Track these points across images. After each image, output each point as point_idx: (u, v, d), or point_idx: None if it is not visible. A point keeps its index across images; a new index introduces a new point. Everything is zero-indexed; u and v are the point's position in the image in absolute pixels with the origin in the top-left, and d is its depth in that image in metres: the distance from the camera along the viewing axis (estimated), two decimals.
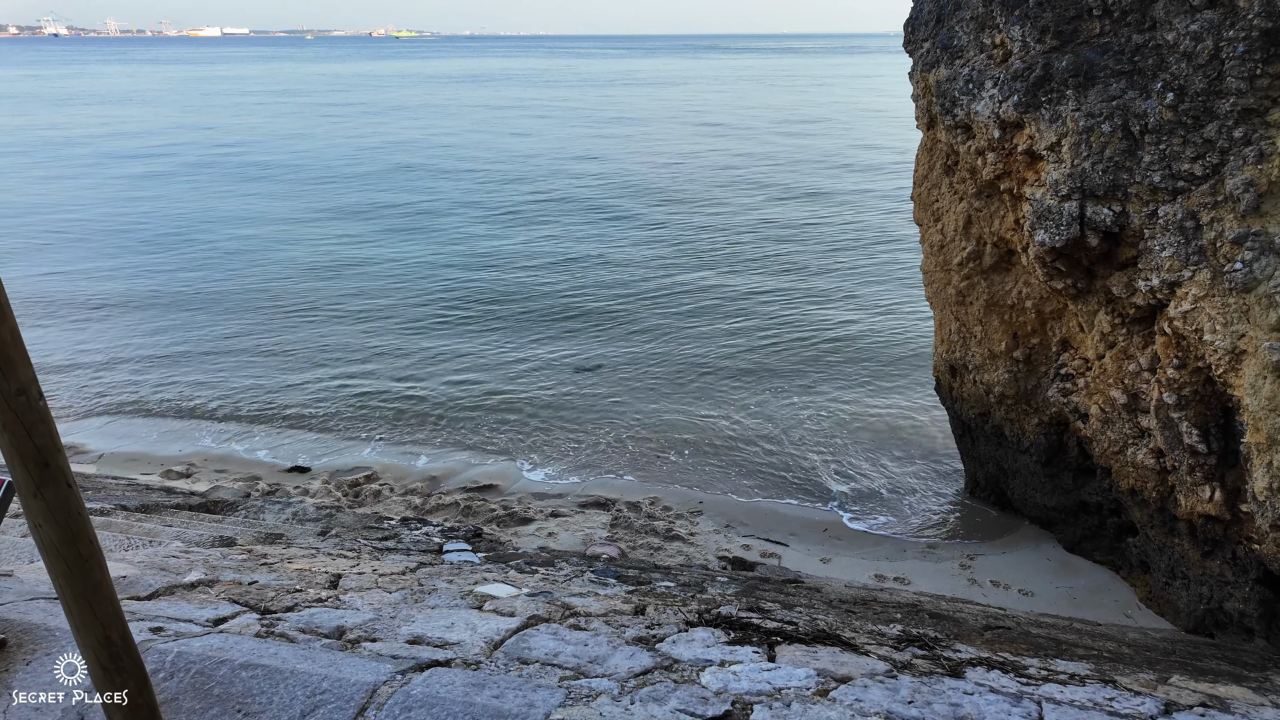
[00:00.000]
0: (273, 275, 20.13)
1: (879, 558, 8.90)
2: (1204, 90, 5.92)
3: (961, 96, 7.80)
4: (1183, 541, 7.08)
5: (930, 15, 8.39)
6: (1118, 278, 6.98)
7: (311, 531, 7.26)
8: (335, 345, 15.60)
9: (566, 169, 34.22)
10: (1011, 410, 8.98)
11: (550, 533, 9.07)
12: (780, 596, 6.19)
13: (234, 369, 14.49)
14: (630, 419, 12.53)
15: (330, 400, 13.22)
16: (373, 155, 37.89)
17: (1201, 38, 5.91)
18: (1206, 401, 6.60)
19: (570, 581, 5.80)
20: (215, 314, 17.39)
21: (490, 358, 14.91)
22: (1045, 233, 7.08)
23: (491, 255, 21.82)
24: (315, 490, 10.07)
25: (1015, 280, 8.58)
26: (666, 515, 9.71)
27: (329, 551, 6.03)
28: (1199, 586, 7.03)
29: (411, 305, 17.84)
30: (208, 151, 39.42)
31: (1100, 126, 6.48)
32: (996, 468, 9.64)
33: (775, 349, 15.19)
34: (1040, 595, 8.08)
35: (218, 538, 5.86)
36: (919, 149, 9.64)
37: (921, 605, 6.57)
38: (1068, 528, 8.90)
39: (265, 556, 5.44)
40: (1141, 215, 6.47)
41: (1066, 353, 8.31)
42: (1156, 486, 7.22)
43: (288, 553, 5.73)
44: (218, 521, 7.22)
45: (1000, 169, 7.69)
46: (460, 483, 10.44)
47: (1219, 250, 5.94)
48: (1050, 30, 6.80)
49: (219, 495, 9.12)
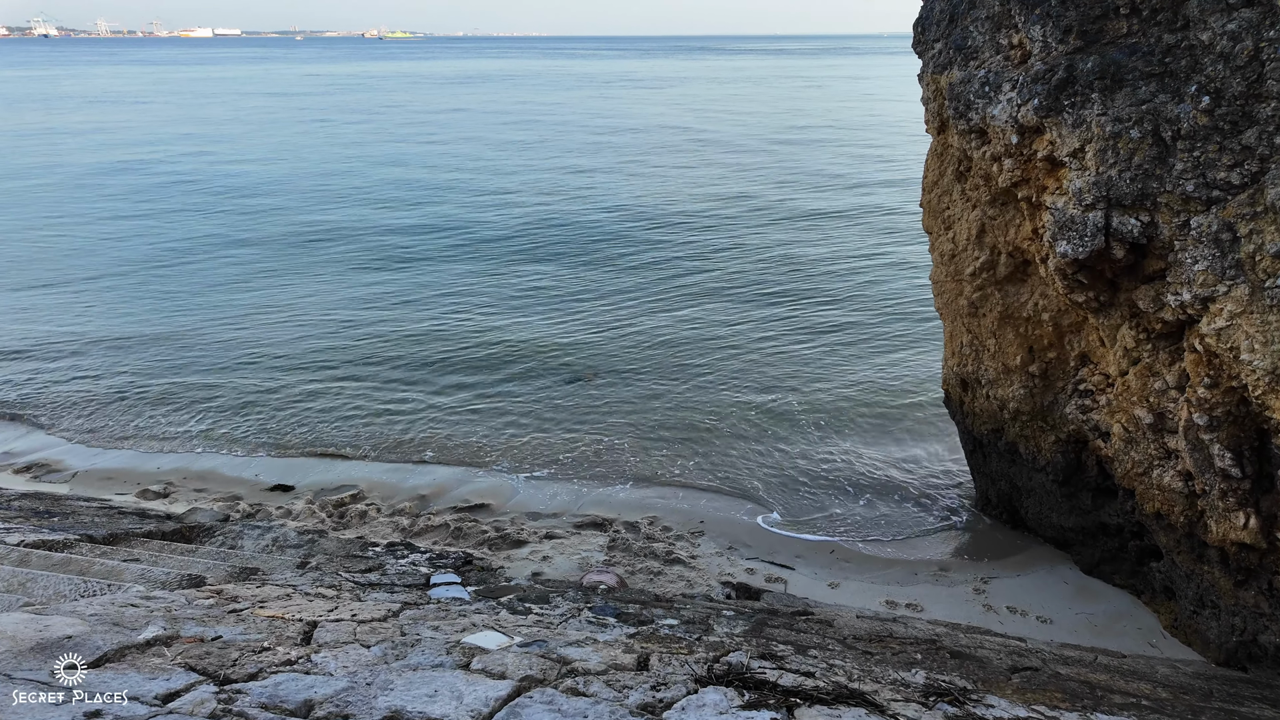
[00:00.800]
0: (263, 287, 19.66)
1: (889, 581, 8.51)
2: (1243, 93, 5.55)
3: (976, 100, 7.41)
4: (1213, 569, 6.71)
5: (942, 15, 8.00)
6: (1144, 291, 6.61)
7: (291, 562, 6.82)
8: (324, 356, 15.14)
9: (554, 176, 33.80)
10: (1026, 427, 8.61)
11: (545, 556, 8.66)
12: (791, 635, 5.79)
13: (217, 380, 14.02)
14: (626, 430, 12.12)
15: (318, 413, 12.77)
16: (366, 168, 37.32)
17: (1240, 37, 5.54)
18: (1240, 423, 6.23)
19: (567, 623, 5.38)
20: (201, 325, 16.90)
21: (483, 368, 14.48)
22: (1068, 244, 6.70)
23: (488, 260, 21.38)
24: (298, 511, 9.62)
25: (1031, 292, 8.21)
26: (666, 536, 9.29)
27: (306, 590, 5.60)
28: (1231, 617, 6.66)
29: (404, 318, 17.38)
30: (198, 165, 38.88)
31: (1129, 132, 6.10)
32: (1009, 485, 9.26)
33: (774, 358, 14.80)
34: (1059, 622, 7.70)
35: (185, 577, 5.42)
36: (928, 154, 9.26)
37: (940, 641, 6.18)
38: (1085, 549, 8.53)
39: (235, 600, 5.01)
40: (1172, 226, 6.09)
41: (1086, 368, 7.93)
42: (1185, 511, 6.85)
43: (261, 593, 5.30)
44: (190, 552, 6.77)
45: (1018, 176, 7.30)
46: (451, 501, 10.01)
47: (1259, 264, 5.57)
48: (1074, 30, 6.42)
49: (196, 519, 8.67)
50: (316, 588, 5.73)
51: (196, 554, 6.71)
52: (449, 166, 35.73)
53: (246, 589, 5.38)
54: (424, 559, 7.43)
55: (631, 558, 8.70)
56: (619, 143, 42.30)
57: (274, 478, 10.73)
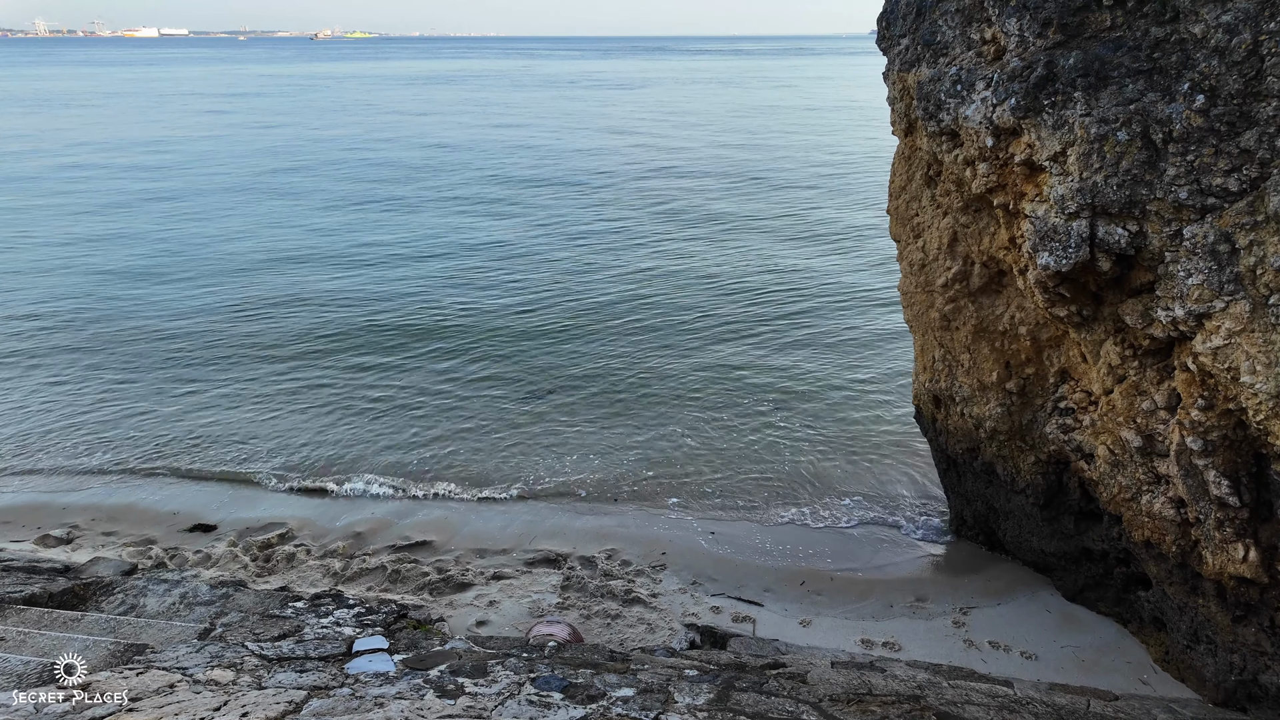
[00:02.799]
0: (187, 307, 18.48)
1: (864, 616, 7.94)
2: (1240, 92, 5.06)
3: (948, 99, 6.87)
4: (1209, 603, 6.25)
5: (909, 8, 7.45)
6: (1131, 305, 6.12)
7: (192, 630, 5.97)
8: (253, 380, 14.12)
9: (509, 174, 32.94)
10: (1004, 447, 8.11)
11: (491, 601, 7.90)
12: (762, 699, 5.15)
13: (137, 407, 12.92)
14: (583, 449, 11.41)
15: (248, 441, 11.79)
16: (297, 166, 35.99)
17: (1236, 30, 5.05)
18: (1237, 448, 5.76)
19: (504, 706, 4.66)
20: (117, 349, 15.71)
21: (429, 387, 13.62)
22: (1050, 255, 6.17)
23: (428, 278, 20.46)
24: (219, 555, 8.70)
25: (1007, 304, 7.70)
26: (625, 572, 8.60)
27: (198, 675, 4.78)
28: (1229, 655, 6.21)
29: (334, 335, 16.40)
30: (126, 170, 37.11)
31: (1115, 134, 5.59)
32: (986, 506, 8.78)
33: (735, 373, 14.21)
34: (1045, 659, 7.20)
35: (46, 669, 4.56)
36: (895, 157, 8.73)
37: (924, 696, 5.60)
38: (1068, 575, 8.06)
39: (101, 699, 4.19)
40: (1163, 236, 5.60)
41: (1066, 385, 7.45)
42: (1177, 540, 6.38)
43: (138, 685, 4.48)
44: (73, 624, 5.87)
45: (993, 181, 6.77)
46: (390, 539, 9.17)
47: (1260, 278, 5.09)
48: (1053, 23, 5.90)
49: (96, 572, 7.73)
50: (211, 670, 4.92)
51: (80, 625, 5.82)
52: (391, 172, 34.58)
53: (121, 680, 4.55)
54: (351, 615, 6.63)
55: (587, 599, 8.00)
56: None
57: (196, 515, 9.77)
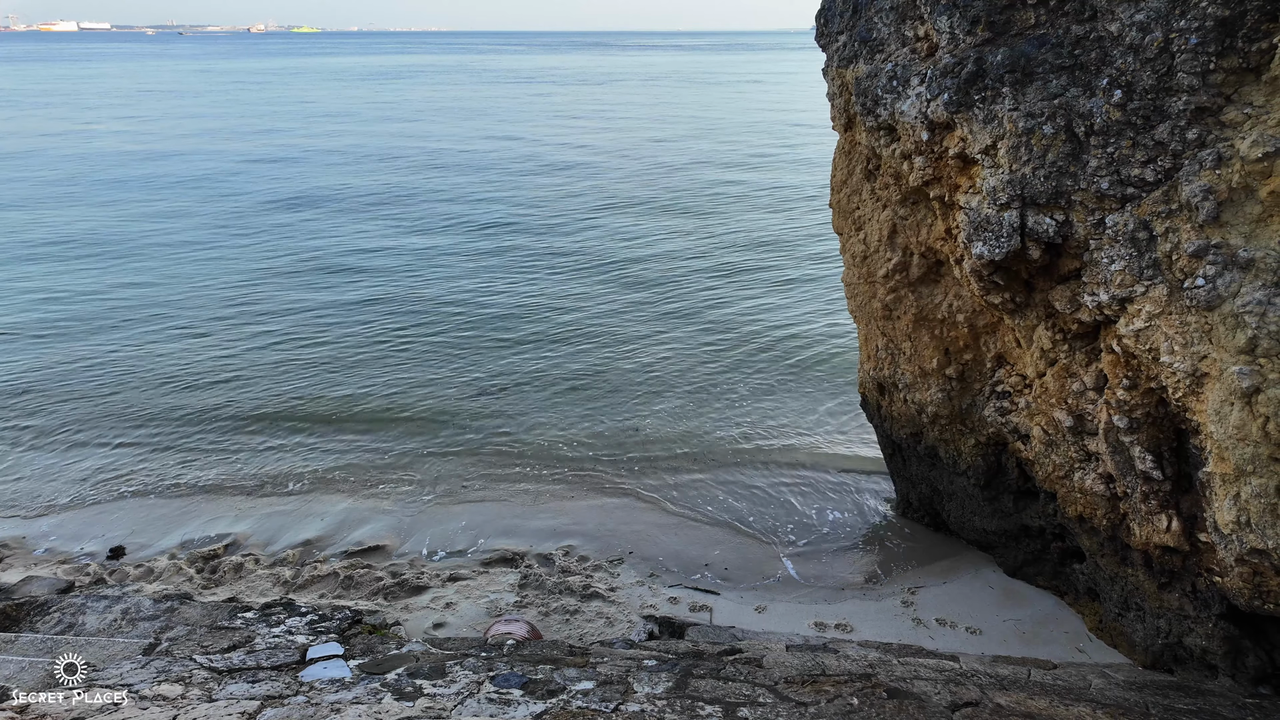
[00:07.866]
0: (118, 299, 17.78)
1: (817, 600, 8.14)
2: (1154, 87, 5.34)
3: (884, 95, 7.07)
4: (1137, 572, 6.59)
5: (845, 5, 7.64)
6: (1059, 291, 6.40)
7: (136, 646, 5.79)
8: (195, 390, 13.69)
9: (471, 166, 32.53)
10: (946, 430, 8.40)
11: (448, 603, 7.85)
12: (720, 687, 5.26)
13: (47, 414, 12.41)
14: (538, 443, 11.39)
15: (183, 448, 11.42)
16: (248, 167, 34.96)
17: (1149, 28, 5.32)
18: (1160, 424, 6.09)
19: (464, 705, 4.66)
20: (37, 346, 15.05)
21: (377, 384, 13.40)
22: (984, 245, 6.42)
23: (382, 270, 20.10)
24: (161, 569, 8.43)
25: (945, 293, 7.97)
26: (583, 568, 8.64)
27: (144, 691, 4.65)
28: (1156, 620, 6.57)
29: (281, 328, 16.00)
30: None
31: (1041, 128, 5.84)
32: (930, 489, 9.07)
33: (689, 361, 14.35)
34: (989, 632, 7.50)
35: None
36: (836, 152, 8.93)
37: (875, 674, 5.78)
38: (1008, 552, 8.40)
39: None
40: (1087, 225, 5.87)
41: (1002, 369, 7.75)
42: (1107, 514, 6.72)
43: (77, 706, 4.33)
44: (7, 645, 5.64)
45: (929, 174, 7.00)
46: (342, 546, 9.02)
47: (1176, 264, 5.38)
48: (981, 21, 6.12)
49: (29, 591, 7.42)
50: (159, 685, 4.79)
51: (14, 647, 5.59)
52: (339, 173, 33.81)
53: (60, 701, 4.40)
54: (304, 623, 6.52)
55: (546, 596, 8.01)
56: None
57: (113, 537, 9.30)
